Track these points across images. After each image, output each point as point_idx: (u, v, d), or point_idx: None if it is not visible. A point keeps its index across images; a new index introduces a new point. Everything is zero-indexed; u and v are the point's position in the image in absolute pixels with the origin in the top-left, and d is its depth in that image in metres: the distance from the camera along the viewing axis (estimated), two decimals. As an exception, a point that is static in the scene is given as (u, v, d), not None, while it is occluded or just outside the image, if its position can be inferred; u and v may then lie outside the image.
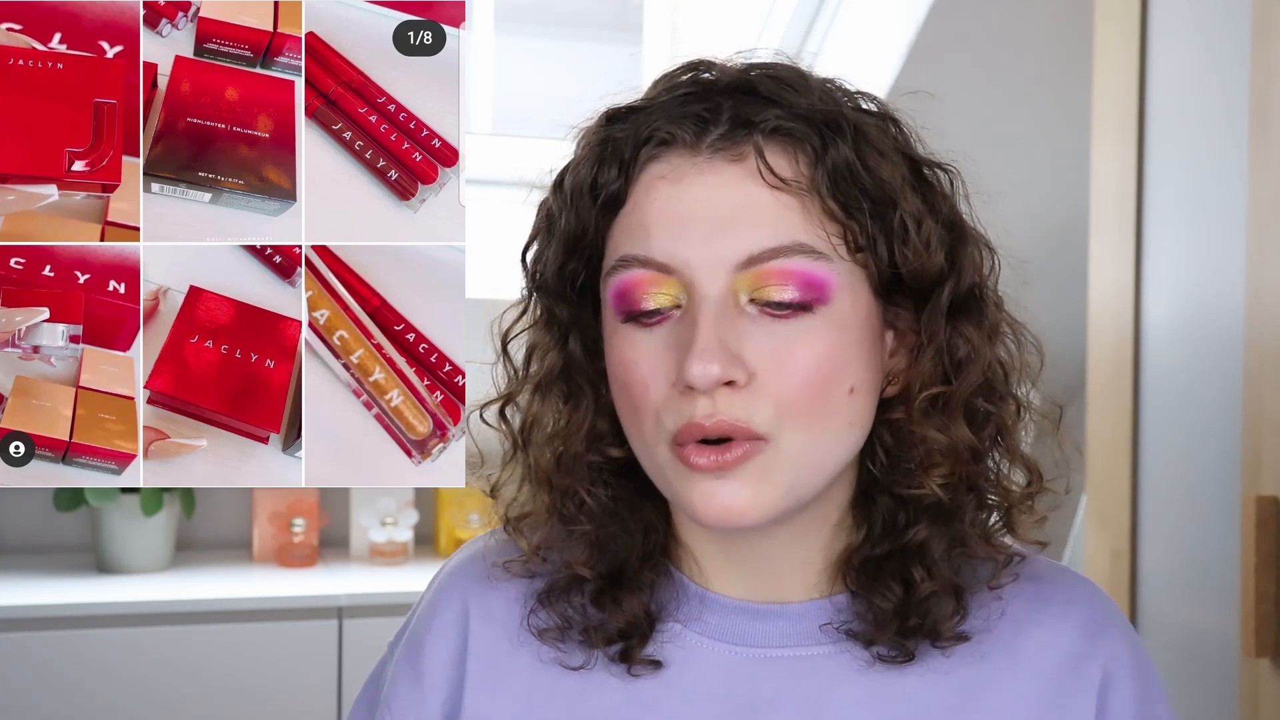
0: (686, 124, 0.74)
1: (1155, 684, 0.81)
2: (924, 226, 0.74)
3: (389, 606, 2.02)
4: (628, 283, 0.74)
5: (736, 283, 0.72)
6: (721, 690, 0.78)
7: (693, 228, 0.72)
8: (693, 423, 0.71)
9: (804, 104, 0.74)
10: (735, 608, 0.80)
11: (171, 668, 1.96)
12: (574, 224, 0.77)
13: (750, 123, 0.73)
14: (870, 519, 0.79)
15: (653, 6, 2.74)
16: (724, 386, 0.71)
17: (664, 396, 0.73)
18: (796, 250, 0.72)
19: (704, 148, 0.73)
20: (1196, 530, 1.47)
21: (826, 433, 0.73)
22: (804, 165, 0.73)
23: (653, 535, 0.81)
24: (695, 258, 0.72)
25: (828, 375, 0.72)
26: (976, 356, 0.76)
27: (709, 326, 0.71)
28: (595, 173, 0.76)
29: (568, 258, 0.78)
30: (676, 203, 0.73)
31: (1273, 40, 1.31)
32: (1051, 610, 0.80)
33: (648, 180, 0.74)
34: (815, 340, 0.72)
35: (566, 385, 0.81)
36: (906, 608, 0.76)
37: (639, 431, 0.75)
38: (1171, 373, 1.51)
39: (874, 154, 0.74)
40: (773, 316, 0.72)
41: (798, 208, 0.72)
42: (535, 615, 0.81)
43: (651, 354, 0.73)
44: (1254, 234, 1.34)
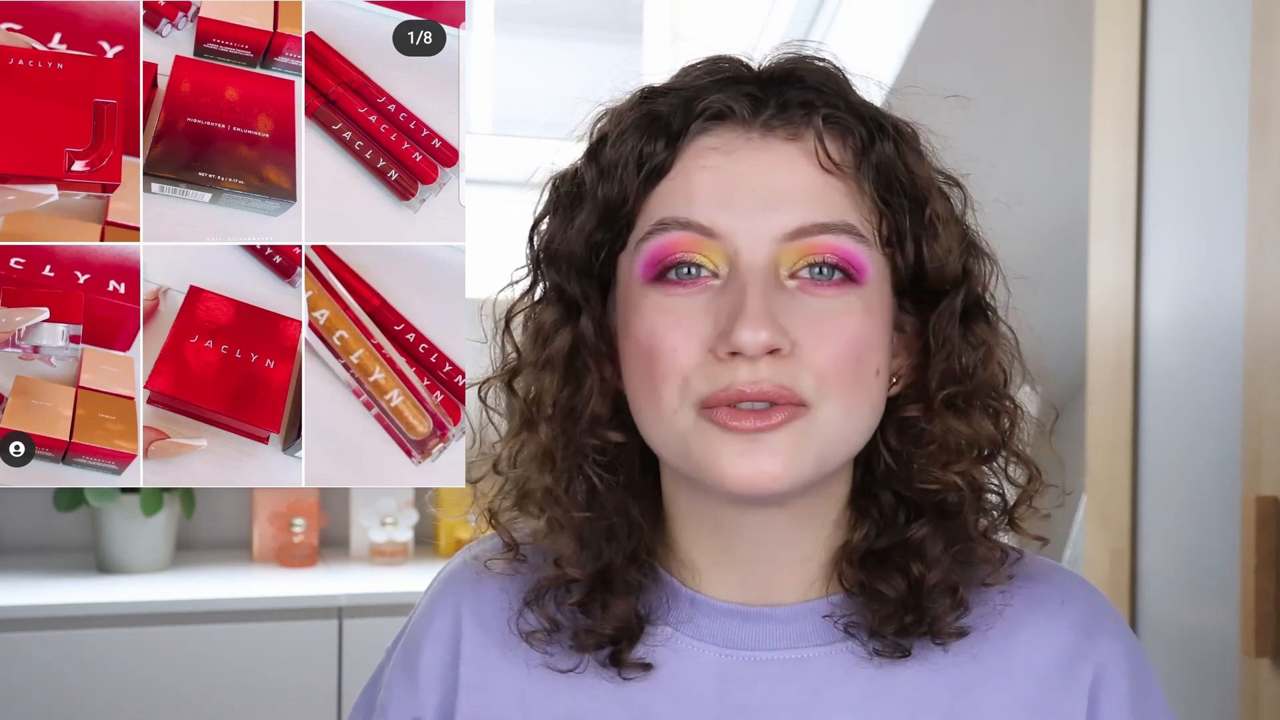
0: (741, 99, 0.74)
1: (1153, 685, 0.81)
2: (949, 228, 0.76)
3: (389, 606, 2.02)
4: (666, 243, 0.74)
5: (781, 255, 0.72)
6: (713, 694, 0.78)
7: (740, 197, 0.73)
8: (733, 388, 0.71)
9: (850, 97, 0.76)
10: (726, 610, 0.79)
11: (171, 668, 1.96)
12: (613, 194, 0.76)
13: (808, 104, 0.74)
14: (870, 515, 0.79)
15: (653, 6, 2.74)
16: (768, 355, 0.71)
17: (696, 363, 0.72)
18: (844, 229, 0.73)
19: (758, 124, 0.74)
20: (1196, 530, 1.47)
21: (858, 409, 0.74)
22: (851, 154, 0.74)
23: (638, 536, 0.80)
24: (741, 226, 0.72)
25: (861, 351, 0.73)
26: (990, 358, 0.78)
27: (758, 293, 0.71)
28: (641, 144, 0.75)
29: (598, 227, 0.77)
30: (726, 174, 0.73)
31: (1273, 40, 1.31)
32: (1045, 610, 0.80)
33: (696, 150, 0.75)
34: (852, 316, 0.73)
35: (572, 364, 0.79)
36: (907, 602, 0.77)
37: (658, 399, 0.74)
38: (1171, 373, 1.51)
39: (913, 154, 0.76)
40: (812, 292, 0.73)
41: (846, 192, 0.74)
42: (523, 618, 0.81)
43: (685, 318, 0.73)
44: (1254, 234, 1.34)
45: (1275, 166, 1.31)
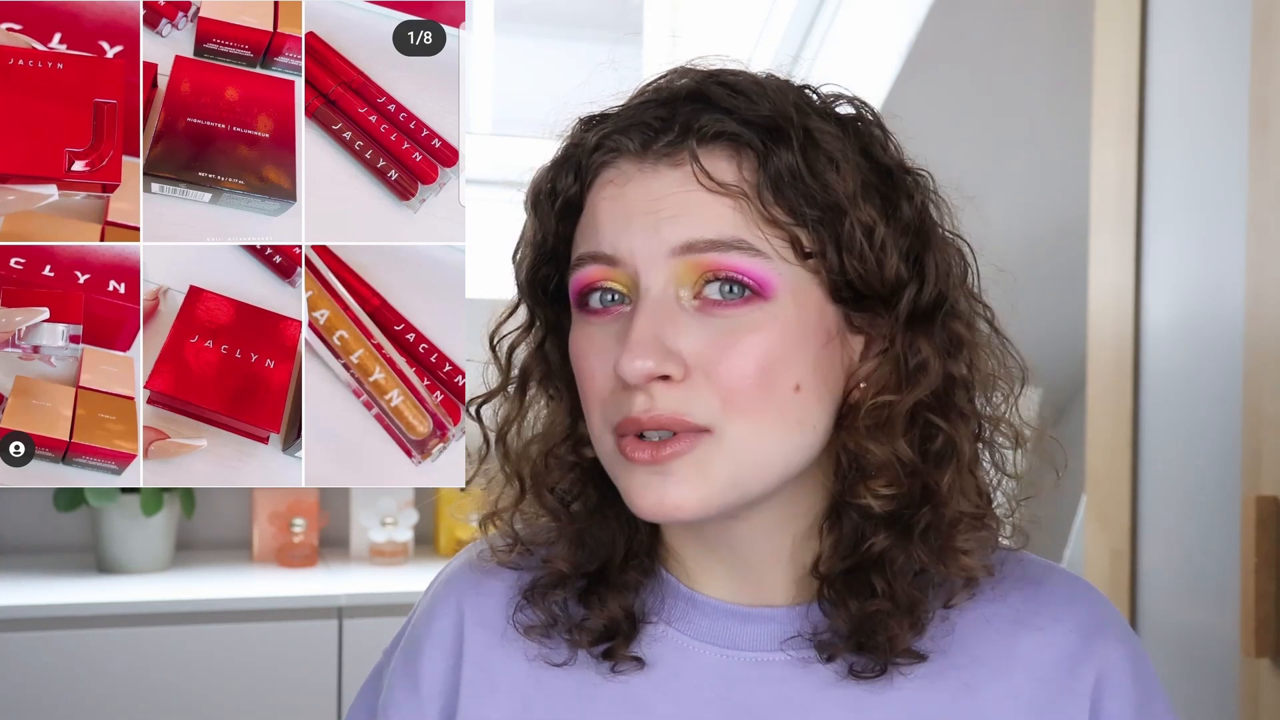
0: (634, 132, 0.75)
1: (1157, 689, 0.80)
2: (876, 235, 0.74)
3: (389, 606, 2.02)
4: (583, 278, 0.76)
5: (677, 274, 0.73)
6: (714, 694, 0.78)
7: (635, 220, 0.74)
8: (630, 417, 0.72)
9: (751, 110, 0.74)
10: (724, 610, 0.79)
11: (171, 668, 1.96)
12: (537, 230, 0.80)
13: (689, 127, 0.74)
14: (839, 530, 0.78)
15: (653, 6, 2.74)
16: (659, 381, 0.72)
17: (608, 390, 0.74)
18: (735, 246, 0.72)
19: (649, 155, 0.75)
20: (1196, 530, 1.47)
21: (773, 428, 0.73)
22: (747, 170, 0.73)
23: (635, 535, 0.81)
24: (638, 245, 0.73)
25: (768, 368, 0.72)
26: (927, 370, 0.75)
27: (643, 322, 0.72)
28: (553, 180, 0.79)
29: (538, 262, 0.80)
30: (622, 201, 0.75)
31: (1273, 40, 1.31)
32: (1047, 613, 0.79)
33: (598, 185, 0.76)
34: (754, 333, 0.72)
35: (546, 386, 0.83)
36: (860, 623, 0.76)
37: (590, 423, 0.76)
38: (1171, 373, 1.51)
39: (823, 160, 0.74)
40: (711, 312, 0.73)
41: (737, 209, 0.73)
42: (522, 612, 0.82)
43: (599, 347, 0.75)
44: (1254, 234, 1.34)
45: (1275, 166, 1.31)
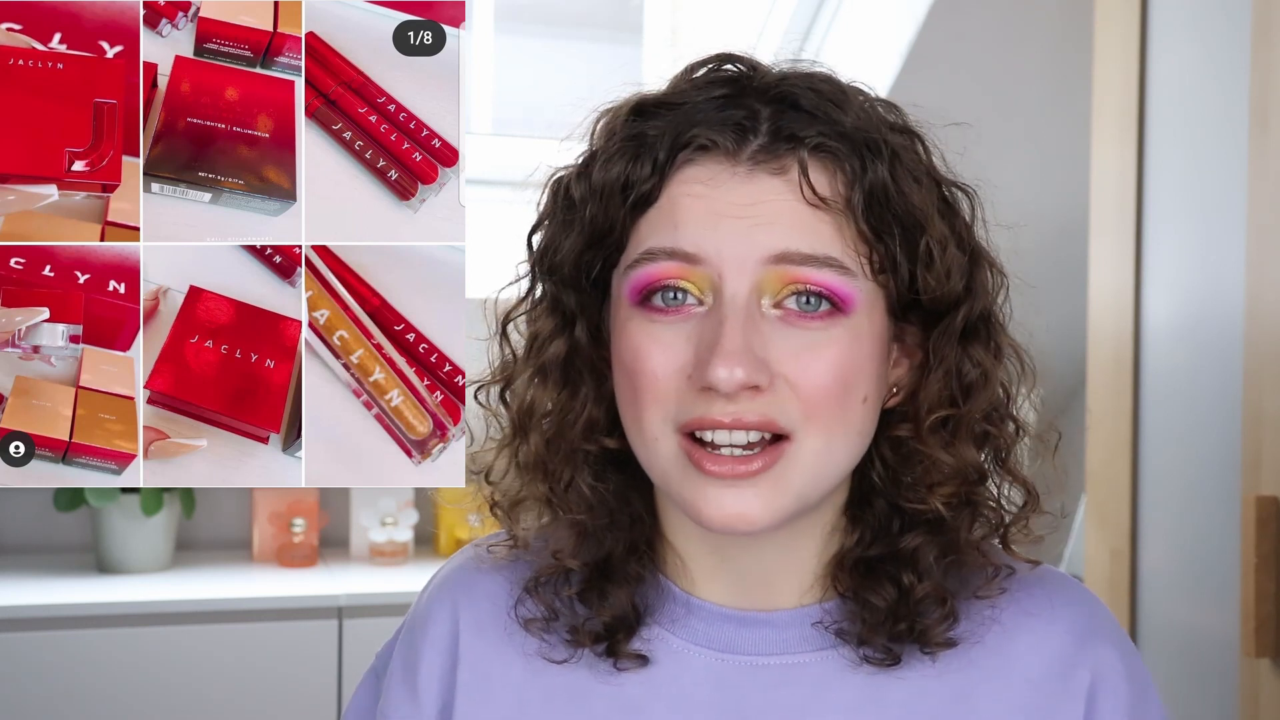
0: (726, 131, 0.73)
1: (1150, 689, 0.80)
2: (948, 253, 0.75)
3: (389, 606, 2.02)
4: (653, 272, 0.73)
5: (764, 281, 0.72)
6: (709, 698, 0.78)
7: (725, 223, 0.72)
8: (709, 417, 0.71)
9: (846, 122, 0.74)
10: (722, 615, 0.79)
11: (171, 668, 1.96)
12: (600, 219, 0.76)
13: (795, 137, 0.73)
14: (864, 522, 0.79)
15: (653, 6, 2.74)
16: (745, 390, 0.71)
17: (677, 389, 0.72)
18: (828, 264, 0.72)
19: (744, 158, 0.73)
20: (1196, 530, 1.47)
21: (842, 439, 0.74)
22: (841, 185, 0.73)
23: (639, 528, 0.81)
24: (726, 249, 0.71)
25: (847, 381, 0.72)
26: (987, 380, 0.77)
27: (736, 329, 0.70)
28: (628, 170, 0.75)
29: (587, 249, 0.77)
30: (710, 201, 0.73)
31: (1273, 40, 1.31)
32: (1042, 616, 0.79)
33: (682, 180, 0.74)
34: (836, 347, 0.72)
35: (567, 372, 0.80)
36: (897, 609, 0.76)
37: (641, 424, 0.74)
38: (1171, 373, 1.51)
39: (908, 178, 0.74)
40: (795, 324, 0.72)
41: (833, 225, 0.72)
42: (522, 605, 0.81)
43: (668, 345, 0.73)
44: (1254, 234, 1.34)
45: (1275, 166, 1.31)
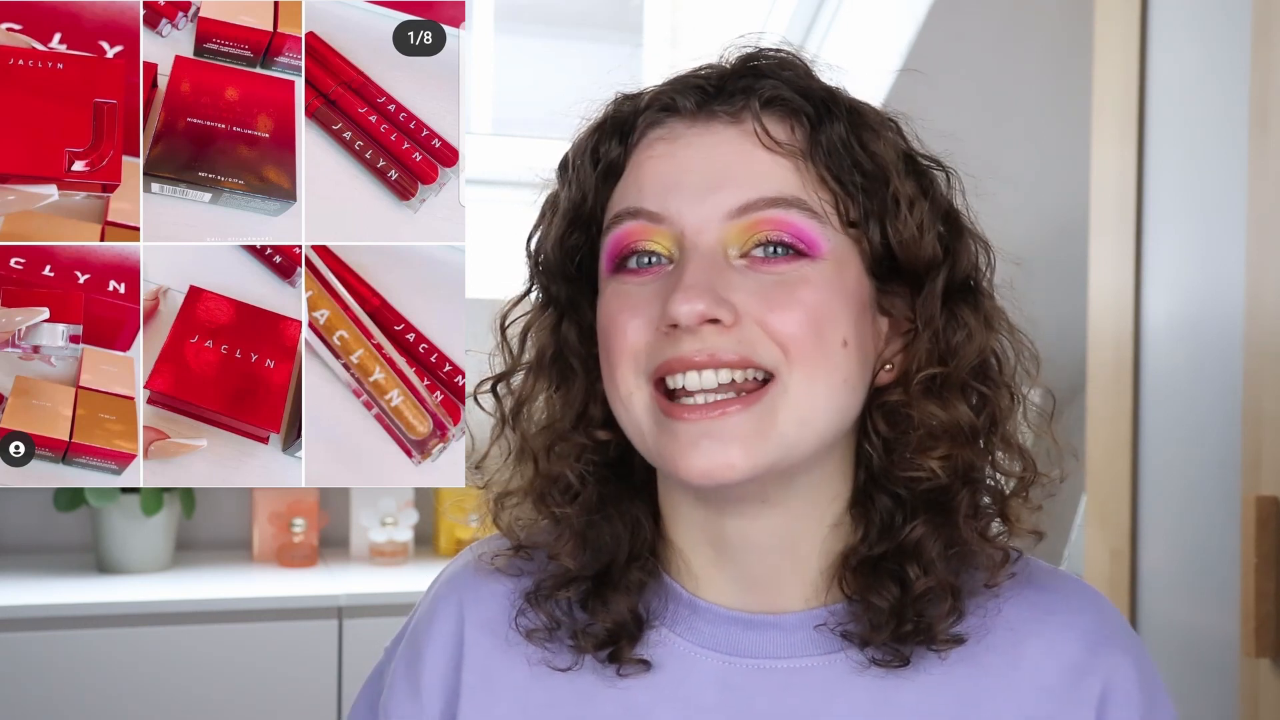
0: (689, 93, 0.76)
1: (1162, 697, 0.80)
2: (916, 207, 0.75)
3: (389, 606, 2.02)
4: (620, 234, 0.75)
5: (727, 235, 0.73)
6: (715, 701, 0.77)
7: (685, 179, 0.74)
8: (678, 356, 0.71)
9: (807, 82, 0.76)
10: (728, 618, 0.79)
11: (171, 668, 1.96)
12: (575, 194, 0.79)
13: (751, 90, 0.75)
14: (868, 519, 0.78)
15: (653, 6, 2.74)
16: (710, 324, 0.71)
17: (647, 341, 0.73)
18: (792, 204, 0.73)
19: (702, 112, 0.75)
20: (1196, 530, 1.47)
21: (827, 382, 0.73)
22: (800, 135, 0.75)
23: (640, 534, 0.80)
24: (687, 207, 0.73)
25: (818, 320, 0.72)
26: (972, 340, 0.77)
27: (698, 267, 0.72)
28: (596, 142, 0.78)
29: (568, 229, 0.79)
30: (671, 160, 0.75)
31: (1273, 40, 1.31)
32: (1054, 621, 0.79)
33: (646, 144, 0.76)
34: (805, 286, 0.73)
35: (560, 367, 0.81)
36: (903, 608, 0.76)
37: (615, 382, 0.75)
38: (1171, 373, 1.51)
39: (869, 131, 0.76)
40: (760, 268, 0.73)
41: (793, 169, 0.74)
42: (524, 615, 0.81)
43: (639, 302, 0.74)
44: (1254, 234, 1.34)
45: (1275, 166, 1.31)
